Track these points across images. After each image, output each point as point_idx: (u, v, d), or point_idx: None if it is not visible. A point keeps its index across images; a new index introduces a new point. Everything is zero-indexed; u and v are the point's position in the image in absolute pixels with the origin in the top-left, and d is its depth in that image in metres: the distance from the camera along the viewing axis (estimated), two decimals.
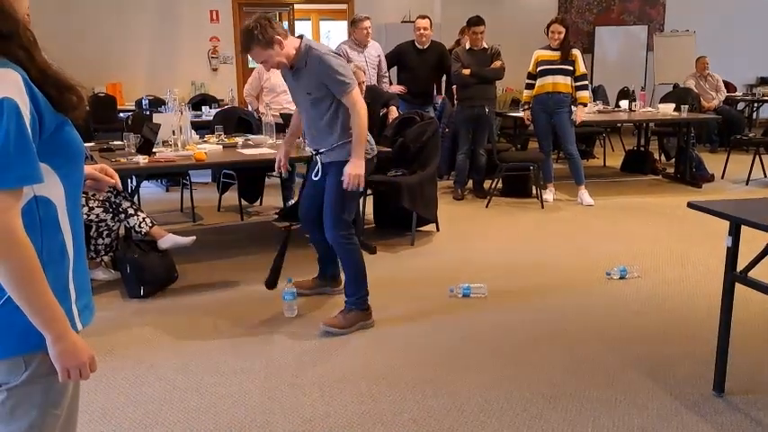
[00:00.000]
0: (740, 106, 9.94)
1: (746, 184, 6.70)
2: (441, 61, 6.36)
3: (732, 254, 2.49)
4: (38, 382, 1.28)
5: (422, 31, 6.21)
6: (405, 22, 9.13)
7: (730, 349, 2.61)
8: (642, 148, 7.72)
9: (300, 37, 3.18)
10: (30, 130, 1.18)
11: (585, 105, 6.03)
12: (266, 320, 3.44)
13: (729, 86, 9.66)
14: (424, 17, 6.31)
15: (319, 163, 3.34)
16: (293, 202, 5.74)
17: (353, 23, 6.10)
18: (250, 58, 3.31)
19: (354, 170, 3.14)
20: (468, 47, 6.15)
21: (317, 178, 3.35)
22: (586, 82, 6.06)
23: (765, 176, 6.81)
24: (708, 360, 2.66)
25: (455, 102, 6.51)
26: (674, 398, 2.62)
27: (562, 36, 5.84)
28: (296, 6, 9.70)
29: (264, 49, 3.07)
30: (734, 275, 2.50)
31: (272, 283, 3.61)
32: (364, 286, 3.38)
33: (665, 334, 3.25)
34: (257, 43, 3.05)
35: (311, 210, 3.49)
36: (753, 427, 2.42)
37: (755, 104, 9.97)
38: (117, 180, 1.60)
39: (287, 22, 9.62)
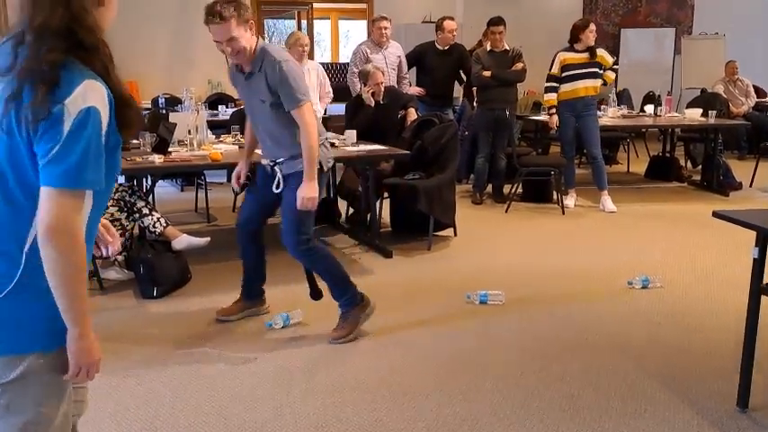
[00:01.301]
0: None
1: None
2: (461, 63, 6.30)
3: (759, 266, 2.39)
4: (33, 379, 1.30)
5: (453, 33, 6.14)
6: (425, 22, 9.07)
7: (756, 364, 2.50)
8: (667, 155, 7.55)
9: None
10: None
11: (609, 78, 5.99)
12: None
13: (759, 92, 9.42)
14: (452, 19, 6.24)
15: (279, 174, 3.07)
16: None
17: (372, 23, 6.08)
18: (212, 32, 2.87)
19: (308, 193, 2.94)
20: (489, 48, 6.08)
21: (278, 190, 3.09)
22: (616, 67, 6.16)
23: None
24: (732, 375, 2.57)
25: (475, 104, 6.43)
26: (697, 413, 2.53)
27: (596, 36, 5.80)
28: (315, 5, 9.68)
29: (238, 25, 2.81)
30: (761, 288, 2.40)
31: (316, 293, 3.39)
32: (349, 284, 3.20)
33: (687, 346, 3.15)
34: (235, 17, 2.79)
35: (252, 222, 3.29)
36: None
37: None
38: (116, 246, 1.61)
39: (305, 22, 9.61)
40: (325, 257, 3.18)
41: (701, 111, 6.95)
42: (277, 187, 3.10)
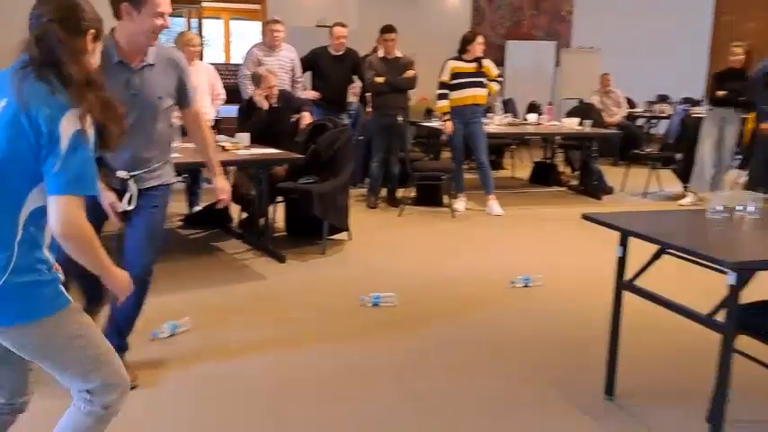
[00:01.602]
0: (640, 122, 10.52)
1: (644, 196, 7.08)
2: (355, 68, 6.38)
3: (622, 263, 2.61)
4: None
5: (341, 39, 6.21)
6: (319, 26, 9.10)
7: (623, 355, 2.72)
8: (548, 161, 8.01)
9: None
10: None
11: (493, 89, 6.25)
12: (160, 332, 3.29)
13: (631, 103, 10.19)
14: (343, 25, 6.31)
15: (134, 189, 2.72)
16: (200, 208, 5.58)
17: (265, 25, 6.04)
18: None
19: (227, 185, 2.99)
20: (382, 55, 6.20)
21: (132, 207, 2.73)
22: (501, 79, 6.42)
23: (661, 190, 7.23)
24: (601, 365, 2.77)
25: (368, 110, 6.54)
26: (568, 401, 2.71)
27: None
28: (205, 4, 9.44)
29: None
30: (622, 284, 2.62)
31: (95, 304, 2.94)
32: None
33: (563, 340, 3.36)
34: None
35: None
36: (639, 427, 2.53)
37: (653, 121, 10.59)
38: None
39: (196, 20, 9.35)
40: (144, 299, 2.84)
41: (578, 120, 7.42)
42: (129, 203, 2.73)
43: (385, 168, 6.32)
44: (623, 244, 2.58)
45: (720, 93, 6.30)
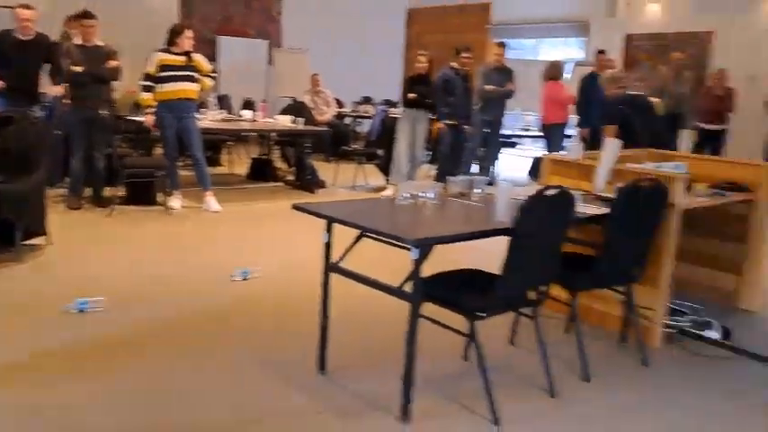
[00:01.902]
0: (348, 121, 11.35)
1: (353, 189, 7.69)
2: (48, 55, 5.75)
3: (328, 248, 2.84)
4: None
5: (26, 23, 5.54)
6: (3, 7, 7.97)
7: (335, 333, 2.96)
8: (265, 157, 8.21)
9: None
10: None
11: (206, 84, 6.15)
12: None
13: (339, 103, 10.93)
14: (28, 7, 5.63)
15: None
16: None
17: None
18: None
19: None
20: (79, 42, 5.71)
21: None
22: (214, 74, 6.32)
23: (367, 183, 7.92)
24: (315, 344, 2.98)
25: (66, 101, 5.96)
26: (284, 380, 2.87)
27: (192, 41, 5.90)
28: None
29: None
30: (329, 266, 2.85)
31: None
32: None
33: (280, 327, 3.52)
34: None
35: None
36: (349, 395, 2.79)
37: (359, 120, 11.52)
38: None
39: None
40: None
41: (291, 117, 7.74)
42: None
43: (88, 166, 5.84)
44: (329, 230, 2.81)
45: (411, 95, 7.14)
